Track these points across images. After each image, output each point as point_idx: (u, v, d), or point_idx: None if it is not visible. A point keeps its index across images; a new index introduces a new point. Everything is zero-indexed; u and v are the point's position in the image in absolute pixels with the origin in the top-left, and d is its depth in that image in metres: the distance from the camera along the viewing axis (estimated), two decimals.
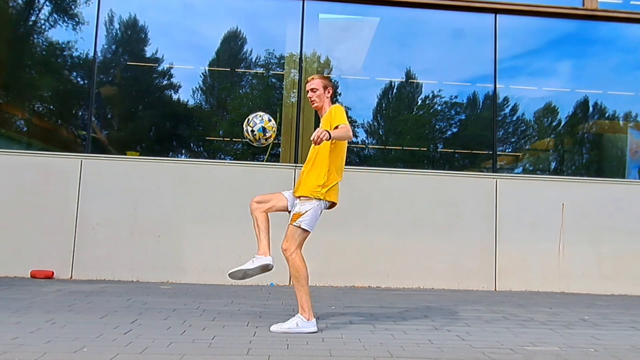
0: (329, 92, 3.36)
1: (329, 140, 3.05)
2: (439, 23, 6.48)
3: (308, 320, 3.08)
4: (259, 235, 3.20)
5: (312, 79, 3.37)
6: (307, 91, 3.39)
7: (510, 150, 6.87)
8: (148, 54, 6.40)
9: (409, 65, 6.73)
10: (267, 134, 3.25)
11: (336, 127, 3.19)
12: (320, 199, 3.17)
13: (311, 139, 3.03)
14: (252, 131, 3.24)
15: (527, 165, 6.98)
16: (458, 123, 6.91)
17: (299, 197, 3.20)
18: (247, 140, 3.30)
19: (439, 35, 6.57)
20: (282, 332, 3.03)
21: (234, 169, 5.78)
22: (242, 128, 3.26)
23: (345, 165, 3.42)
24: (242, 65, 6.75)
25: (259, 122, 3.24)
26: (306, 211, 3.13)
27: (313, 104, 3.40)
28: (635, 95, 6.89)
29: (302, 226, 3.13)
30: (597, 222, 5.98)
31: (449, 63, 6.66)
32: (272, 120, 3.30)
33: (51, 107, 6.59)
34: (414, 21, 6.54)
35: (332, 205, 3.30)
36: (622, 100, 6.93)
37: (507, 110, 6.69)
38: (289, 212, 3.26)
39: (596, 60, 6.84)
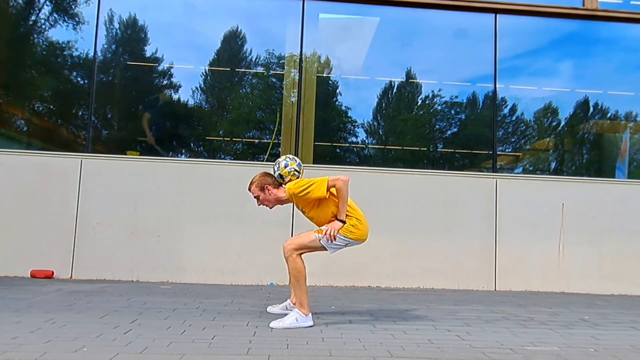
0: (267, 189, 3.41)
1: (343, 224, 3.25)
2: (439, 23, 6.48)
3: (306, 316, 3.21)
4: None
5: (248, 189, 3.47)
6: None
7: (510, 150, 6.87)
8: (148, 54, 6.40)
9: (409, 65, 6.74)
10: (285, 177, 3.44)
11: (322, 198, 3.27)
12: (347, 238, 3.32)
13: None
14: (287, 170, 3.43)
15: (527, 165, 6.97)
16: (458, 123, 6.91)
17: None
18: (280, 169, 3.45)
19: (439, 35, 6.57)
20: (283, 329, 3.10)
21: (234, 169, 5.78)
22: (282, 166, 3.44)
23: (345, 165, 3.45)
24: (242, 65, 6.75)
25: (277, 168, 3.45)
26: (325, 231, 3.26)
27: (268, 207, 3.52)
28: (635, 96, 6.89)
29: (321, 241, 3.25)
30: (597, 222, 5.98)
31: (449, 63, 6.66)
32: (290, 165, 3.44)
33: (51, 106, 6.59)
34: (414, 21, 6.54)
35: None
36: (622, 100, 6.93)
37: (507, 110, 6.69)
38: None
39: (596, 61, 6.84)
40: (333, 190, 3.29)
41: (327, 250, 3.32)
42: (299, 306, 3.23)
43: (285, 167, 3.41)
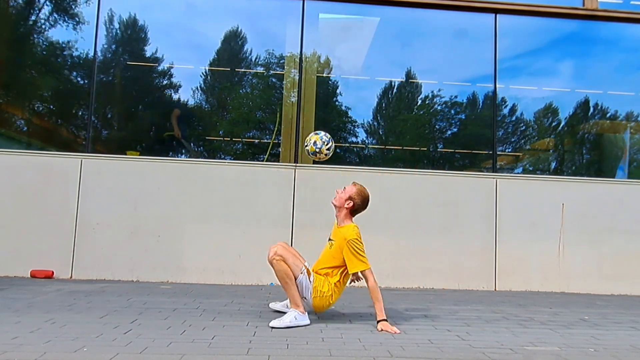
0: (348, 204, 3.47)
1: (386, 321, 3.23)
2: (439, 23, 6.48)
3: (303, 314, 3.27)
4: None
5: (354, 184, 3.56)
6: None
7: (510, 150, 6.87)
8: (148, 54, 6.40)
9: (409, 65, 6.74)
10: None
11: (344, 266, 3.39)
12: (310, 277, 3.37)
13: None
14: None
15: (527, 165, 6.98)
16: (458, 123, 6.91)
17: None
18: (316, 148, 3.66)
19: (439, 35, 6.57)
20: (283, 327, 3.13)
21: (234, 169, 5.78)
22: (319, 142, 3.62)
23: (345, 165, 3.47)
24: (242, 64, 6.75)
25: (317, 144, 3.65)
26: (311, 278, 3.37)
27: (334, 198, 3.56)
28: (635, 96, 6.89)
29: (299, 279, 3.29)
30: (597, 222, 5.98)
31: (449, 63, 6.66)
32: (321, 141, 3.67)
33: (51, 106, 6.59)
34: (414, 21, 6.54)
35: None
36: (623, 100, 6.93)
37: (507, 110, 6.69)
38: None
39: (596, 61, 6.84)
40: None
41: (295, 275, 3.32)
42: (294, 306, 3.28)
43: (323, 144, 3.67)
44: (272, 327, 3.13)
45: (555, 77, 6.88)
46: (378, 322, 3.19)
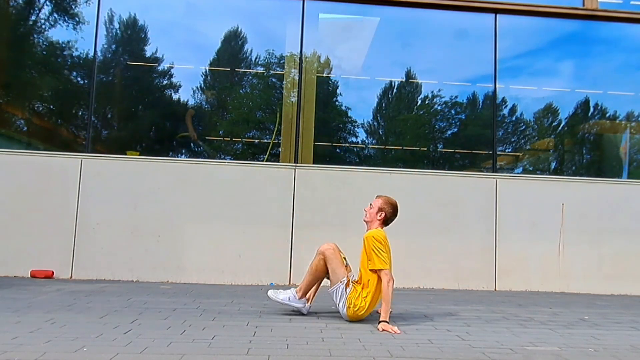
0: (381, 215, 3.54)
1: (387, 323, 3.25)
2: (439, 23, 6.48)
3: (299, 298, 3.55)
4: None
5: (378, 197, 3.63)
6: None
7: (510, 150, 6.87)
8: (148, 54, 6.40)
9: (409, 65, 6.74)
10: None
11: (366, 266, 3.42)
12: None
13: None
14: None
15: (527, 165, 6.98)
16: (458, 123, 6.91)
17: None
18: None
19: (439, 35, 6.57)
20: (274, 299, 3.54)
21: (234, 169, 5.78)
22: None
23: (345, 165, 3.48)
24: (242, 65, 6.75)
25: None
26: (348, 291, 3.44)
27: (364, 216, 3.64)
28: (635, 95, 6.89)
29: (340, 284, 3.43)
30: (597, 222, 5.98)
31: (449, 63, 6.66)
32: None
33: (51, 106, 6.59)
34: (414, 21, 6.54)
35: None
36: (622, 100, 6.93)
37: (507, 110, 6.69)
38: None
39: (596, 61, 6.84)
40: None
41: (332, 281, 3.49)
42: (298, 289, 3.58)
43: None
44: (268, 295, 3.56)
45: (555, 77, 6.88)
46: (380, 322, 3.20)
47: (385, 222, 3.57)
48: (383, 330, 3.14)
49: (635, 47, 6.70)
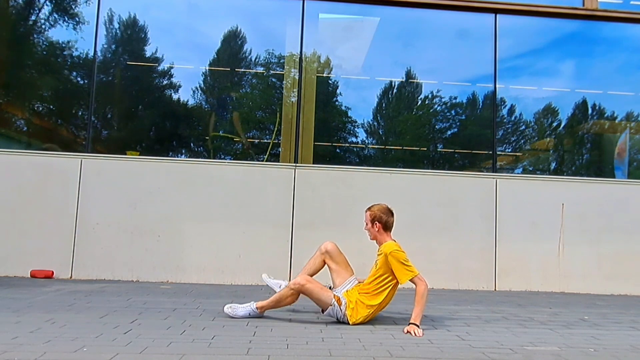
0: (377, 225, 3.48)
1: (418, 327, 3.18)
2: (439, 23, 6.48)
3: (259, 314, 3.42)
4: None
5: (367, 210, 3.54)
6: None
7: (510, 150, 6.87)
8: (148, 54, 6.40)
9: (409, 65, 6.74)
10: None
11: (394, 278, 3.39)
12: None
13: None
14: None
15: (527, 165, 6.97)
16: (458, 123, 6.91)
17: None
18: None
19: (439, 35, 6.57)
20: (232, 316, 3.38)
21: (234, 169, 5.78)
22: None
23: (345, 165, 3.46)
24: (242, 64, 6.75)
25: None
26: (343, 305, 3.36)
27: (369, 236, 3.59)
28: (635, 95, 6.89)
29: (332, 307, 3.35)
30: (597, 222, 5.98)
31: (449, 63, 6.66)
32: None
33: (51, 106, 6.59)
34: (414, 21, 6.54)
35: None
36: (622, 100, 6.93)
37: (506, 110, 6.69)
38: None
39: (596, 61, 6.84)
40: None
41: (324, 310, 3.42)
42: (260, 305, 3.39)
43: None
44: (225, 312, 3.40)
45: (555, 77, 6.88)
46: (410, 323, 3.17)
47: (386, 228, 3.50)
48: (407, 332, 3.11)
49: (635, 47, 6.70)
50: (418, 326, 3.14)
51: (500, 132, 6.70)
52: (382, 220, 3.47)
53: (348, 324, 3.37)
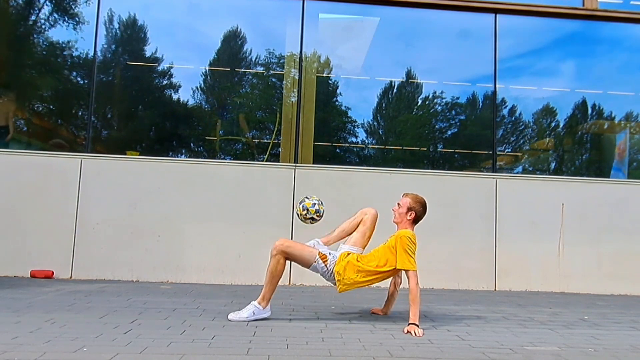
0: (411, 215, 3.45)
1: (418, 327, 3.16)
2: (439, 23, 6.48)
3: (264, 308, 3.37)
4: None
5: (405, 195, 3.53)
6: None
7: (510, 150, 6.87)
8: (148, 54, 6.40)
9: (409, 65, 6.74)
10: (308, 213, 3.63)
11: (393, 264, 3.34)
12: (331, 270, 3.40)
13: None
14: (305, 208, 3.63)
15: (527, 165, 6.98)
16: (458, 123, 6.92)
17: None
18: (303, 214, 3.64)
19: (439, 35, 6.58)
20: (239, 320, 3.29)
21: (234, 169, 5.78)
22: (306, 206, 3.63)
23: (345, 165, 3.47)
24: (242, 64, 6.75)
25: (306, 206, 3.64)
26: (331, 262, 3.40)
27: (393, 217, 3.55)
28: (635, 95, 6.89)
29: (315, 263, 3.35)
30: (597, 222, 5.98)
31: (449, 63, 6.67)
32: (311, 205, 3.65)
33: (51, 106, 6.59)
34: (414, 21, 6.54)
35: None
36: (622, 100, 6.93)
37: (506, 110, 6.70)
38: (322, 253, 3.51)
39: (596, 61, 6.84)
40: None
41: (308, 267, 3.42)
42: (260, 299, 3.37)
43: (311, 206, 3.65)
44: (230, 320, 3.30)
45: (555, 77, 6.88)
46: (410, 324, 3.15)
47: (416, 221, 3.48)
48: (407, 332, 3.10)
49: (635, 47, 6.70)
50: (418, 326, 3.13)
51: (500, 132, 6.70)
52: (418, 213, 3.47)
53: (334, 284, 3.38)
